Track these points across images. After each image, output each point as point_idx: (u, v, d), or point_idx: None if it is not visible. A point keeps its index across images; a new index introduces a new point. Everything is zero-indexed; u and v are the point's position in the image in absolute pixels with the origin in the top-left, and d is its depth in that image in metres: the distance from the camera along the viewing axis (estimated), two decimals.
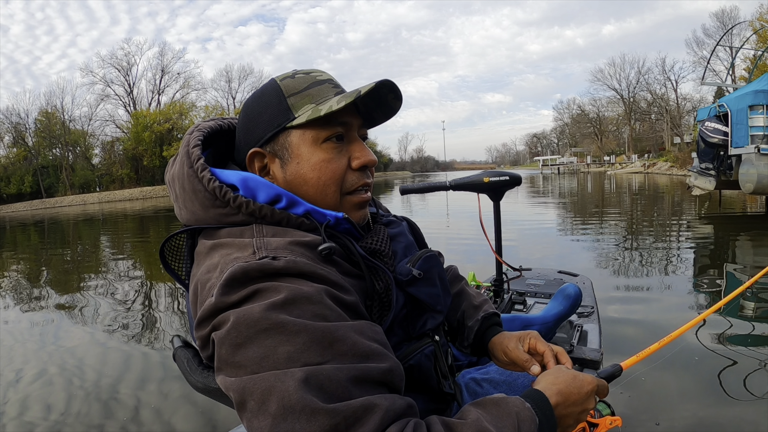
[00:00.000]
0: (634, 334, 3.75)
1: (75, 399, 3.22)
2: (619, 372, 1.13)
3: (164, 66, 66.86)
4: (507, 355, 1.10)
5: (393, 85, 0.93)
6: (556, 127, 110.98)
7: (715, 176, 10.44)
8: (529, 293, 2.57)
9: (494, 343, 1.14)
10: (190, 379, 0.95)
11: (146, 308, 5.67)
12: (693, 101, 58.41)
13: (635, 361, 1.17)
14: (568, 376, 0.90)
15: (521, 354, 1.07)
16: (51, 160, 60.07)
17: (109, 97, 64.93)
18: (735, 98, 10.20)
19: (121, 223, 21.54)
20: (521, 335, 1.11)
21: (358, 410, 0.66)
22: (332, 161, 0.93)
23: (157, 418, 2.90)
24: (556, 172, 64.02)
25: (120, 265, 9.33)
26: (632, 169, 49.28)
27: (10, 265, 10.50)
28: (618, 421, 1.15)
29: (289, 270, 0.76)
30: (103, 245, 13.65)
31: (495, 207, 2.43)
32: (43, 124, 59.79)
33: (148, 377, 3.51)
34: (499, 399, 0.81)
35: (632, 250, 7.26)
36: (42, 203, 52.74)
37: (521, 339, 1.10)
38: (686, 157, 30.05)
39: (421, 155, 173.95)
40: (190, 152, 0.91)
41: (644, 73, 67.37)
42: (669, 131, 59.12)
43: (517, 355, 1.07)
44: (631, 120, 72.19)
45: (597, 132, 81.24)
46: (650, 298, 4.75)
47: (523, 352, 1.07)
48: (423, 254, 1.02)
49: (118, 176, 59.85)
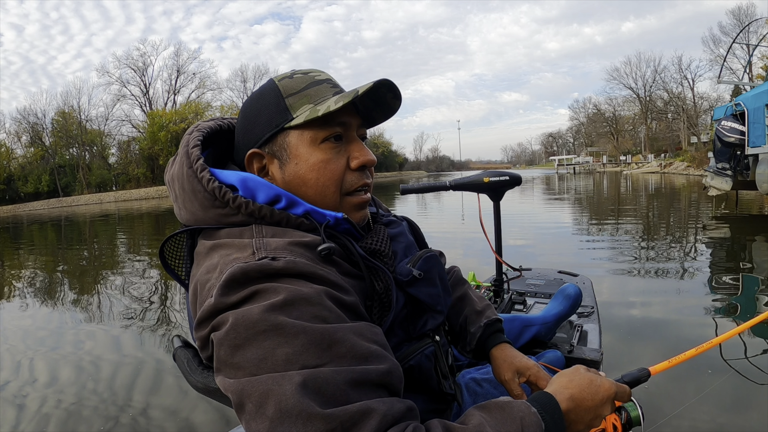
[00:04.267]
0: (650, 338, 3.70)
1: (91, 394, 3.27)
2: (647, 377, 1.05)
3: (180, 66, 67.57)
4: (501, 383, 1.12)
5: (392, 85, 0.93)
6: (571, 126, 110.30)
7: (731, 176, 10.28)
8: (529, 293, 2.56)
9: (494, 360, 1.15)
10: (190, 379, 0.95)
11: (161, 305, 5.72)
12: (710, 100, 57.66)
13: (666, 367, 1.08)
14: (583, 381, 0.86)
15: (515, 388, 1.08)
16: (68, 159, 60.91)
17: (125, 98, 65.76)
18: (752, 97, 10.01)
19: (137, 221, 21.72)
20: (521, 368, 1.11)
21: (355, 415, 0.66)
22: (331, 161, 0.93)
23: (172, 415, 2.93)
24: (572, 172, 63.52)
25: (136, 264, 9.42)
26: (648, 168, 48.82)
27: (26, 261, 10.62)
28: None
29: (289, 270, 0.76)
30: (119, 243, 13.76)
31: (495, 207, 2.44)
32: (60, 124, 60.63)
33: (167, 371, 3.54)
34: (505, 403, 0.79)
35: (647, 250, 7.19)
36: (59, 202, 53.44)
37: (520, 371, 1.10)
38: (703, 156, 29.75)
39: (437, 155, 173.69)
40: (189, 152, 0.91)
41: (660, 71, 66.72)
42: (686, 130, 58.52)
43: (511, 388, 1.09)
44: (648, 119, 71.48)
45: (613, 131, 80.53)
46: (660, 300, 4.70)
47: (517, 386, 1.08)
48: (423, 254, 1.01)
49: (134, 175, 60.41)
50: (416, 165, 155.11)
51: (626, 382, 1.01)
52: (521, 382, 1.08)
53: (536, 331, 1.71)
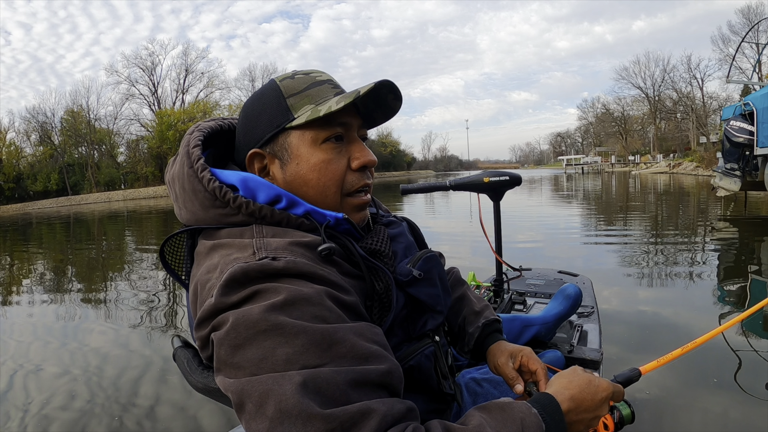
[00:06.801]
0: (654, 336, 3.70)
1: (98, 391, 3.29)
2: (638, 377, 1.09)
3: (188, 65, 67.90)
4: (496, 369, 1.11)
5: (392, 86, 0.93)
6: (580, 126, 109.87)
7: (740, 177, 10.16)
8: (529, 293, 2.57)
9: (489, 353, 1.15)
10: (190, 379, 0.95)
11: (170, 303, 5.75)
12: (719, 100, 57.26)
13: (655, 367, 1.13)
14: (582, 381, 0.88)
15: (509, 371, 1.07)
16: (77, 158, 61.46)
17: (133, 97, 66.20)
18: (761, 96, 9.85)
19: (145, 220, 21.81)
20: (513, 351, 1.11)
21: (354, 415, 0.66)
22: (332, 162, 0.93)
23: (180, 412, 2.95)
24: (580, 172, 63.22)
25: (144, 261, 9.46)
26: (657, 169, 48.53)
27: (35, 259, 10.69)
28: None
29: (289, 270, 0.76)
30: (127, 240, 13.84)
31: (495, 207, 2.44)
32: (69, 122, 61.08)
33: (172, 371, 3.55)
34: (505, 404, 0.80)
35: (654, 251, 7.16)
36: (68, 200, 53.87)
37: (513, 355, 1.10)
38: (712, 157, 29.56)
39: (445, 154, 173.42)
40: (190, 152, 0.91)
41: (669, 71, 66.39)
42: (695, 130, 58.14)
43: (504, 371, 1.08)
44: (657, 119, 71.14)
45: (622, 131, 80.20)
46: (669, 300, 4.68)
47: (511, 369, 1.08)
48: (423, 255, 1.01)
49: (143, 174, 60.85)
50: (424, 164, 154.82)
51: (619, 382, 1.04)
52: (515, 367, 1.07)
53: (536, 331, 1.71)
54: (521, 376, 1.07)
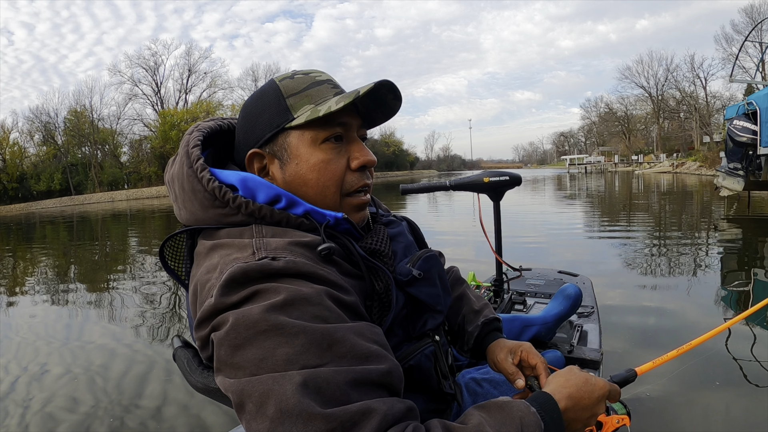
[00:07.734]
0: (650, 337, 3.69)
1: (101, 393, 3.29)
2: (633, 377, 1.11)
3: (191, 65, 67.87)
4: (496, 365, 1.11)
5: (392, 86, 0.93)
6: (583, 125, 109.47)
7: (743, 176, 10.09)
8: (529, 293, 2.58)
9: (489, 351, 1.15)
10: (190, 379, 0.95)
11: (172, 303, 5.75)
12: (723, 99, 57.03)
13: (650, 368, 1.15)
14: (579, 380, 0.88)
15: (509, 366, 1.07)
16: (80, 158, 61.53)
17: (136, 97, 66.21)
18: (764, 95, 9.80)
19: (149, 219, 21.83)
20: (513, 347, 1.11)
21: (355, 415, 0.66)
22: (331, 162, 0.93)
23: (183, 411, 2.96)
24: (584, 172, 63.10)
25: (147, 261, 9.47)
26: (660, 168, 48.44)
27: (38, 259, 10.71)
28: (625, 420, 1.12)
29: (289, 270, 0.76)
30: (130, 241, 13.85)
31: (495, 207, 2.44)
32: (72, 123, 61.18)
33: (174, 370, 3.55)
34: (504, 403, 0.80)
35: (657, 251, 7.15)
36: (71, 200, 53.96)
37: (512, 351, 1.10)
38: (715, 156, 29.49)
39: (448, 154, 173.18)
40: (189, 152, 0.91)
41: (673, 70, 66.22)
42: (698, 130, 57.93)
43: (504, 367, 1.08)
44: (660, 118, 71.00)
45: (625, 131, 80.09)
46: (672, 301, 4.65)
47: (510, 364, 1.07)
48: (423, 254, 1.01)
49: (146, 174, 60.91)
50: (427, 164, 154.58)
51: (615, 382, 1.05)
52: (515, 363, 1.08)
53: (536, 331, 1.72)
54: (522, 372, 1.07)
